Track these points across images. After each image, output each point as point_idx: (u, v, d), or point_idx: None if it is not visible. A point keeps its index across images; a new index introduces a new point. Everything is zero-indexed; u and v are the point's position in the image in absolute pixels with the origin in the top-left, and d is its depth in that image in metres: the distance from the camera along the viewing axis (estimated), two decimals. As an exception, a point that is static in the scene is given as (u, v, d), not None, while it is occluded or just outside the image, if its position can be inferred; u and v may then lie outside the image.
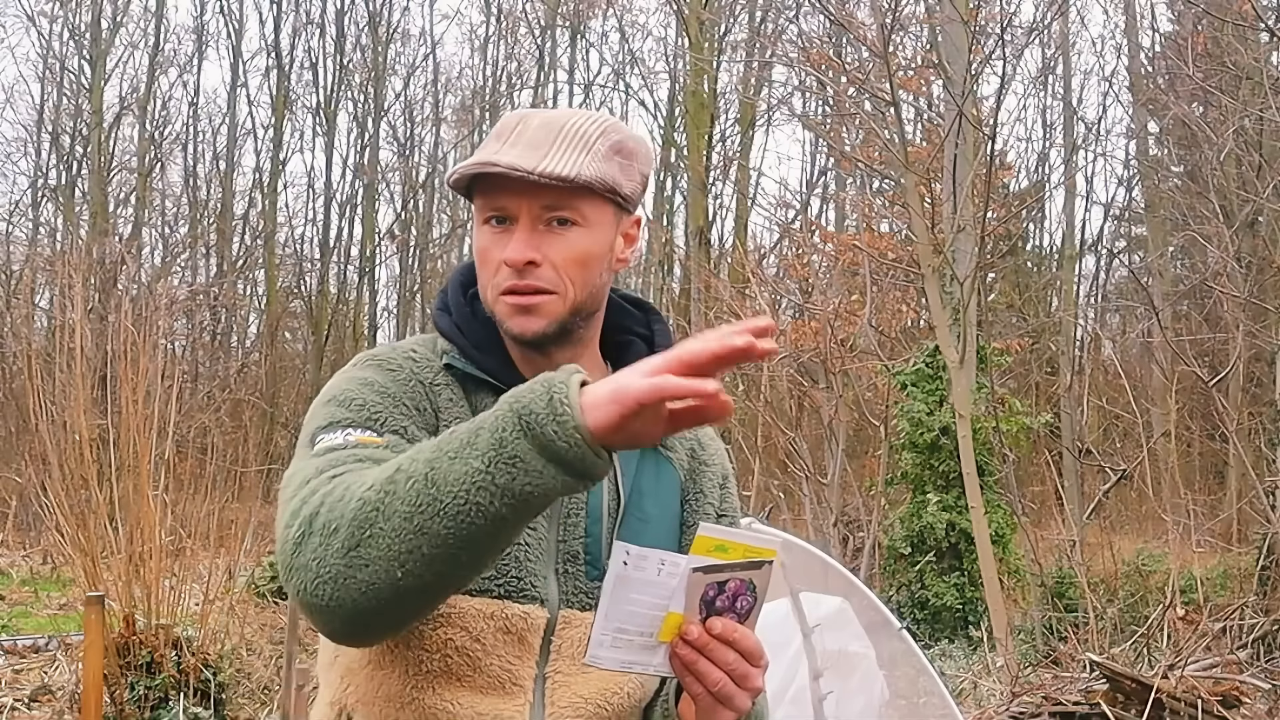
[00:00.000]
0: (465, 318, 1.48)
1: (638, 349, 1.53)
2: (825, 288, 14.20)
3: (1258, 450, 12.59)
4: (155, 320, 10.10)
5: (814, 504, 11.60)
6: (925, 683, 5.49)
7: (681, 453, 1.56)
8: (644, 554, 1.20)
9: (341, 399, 1.38)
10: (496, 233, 1.41)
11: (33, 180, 25.95)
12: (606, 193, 1.42)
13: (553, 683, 1.40)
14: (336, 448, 1.31)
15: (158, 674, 6.48)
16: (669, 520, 1.51)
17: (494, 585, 1.36)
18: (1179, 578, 7.89)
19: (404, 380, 1.41)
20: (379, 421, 1.35)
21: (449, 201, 28.88)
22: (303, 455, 1.34)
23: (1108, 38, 29.69)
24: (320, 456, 1.31)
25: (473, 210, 1.47)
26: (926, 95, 16.40)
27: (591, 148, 1.41)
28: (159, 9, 26.55)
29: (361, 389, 1.38)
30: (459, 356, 1.45)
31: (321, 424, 1.36)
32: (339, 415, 1.36)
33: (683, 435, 1.55)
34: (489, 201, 1.42)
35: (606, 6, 25.71)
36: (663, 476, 1.52)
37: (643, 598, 1.21)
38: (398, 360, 1.44)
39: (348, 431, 1.33)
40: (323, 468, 1.28)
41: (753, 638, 1.29)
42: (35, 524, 13.46)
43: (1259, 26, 10.89)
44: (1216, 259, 11.92)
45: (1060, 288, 22.75)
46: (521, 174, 1.36)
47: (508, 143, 1.40)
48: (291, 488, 1.28)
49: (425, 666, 1.37)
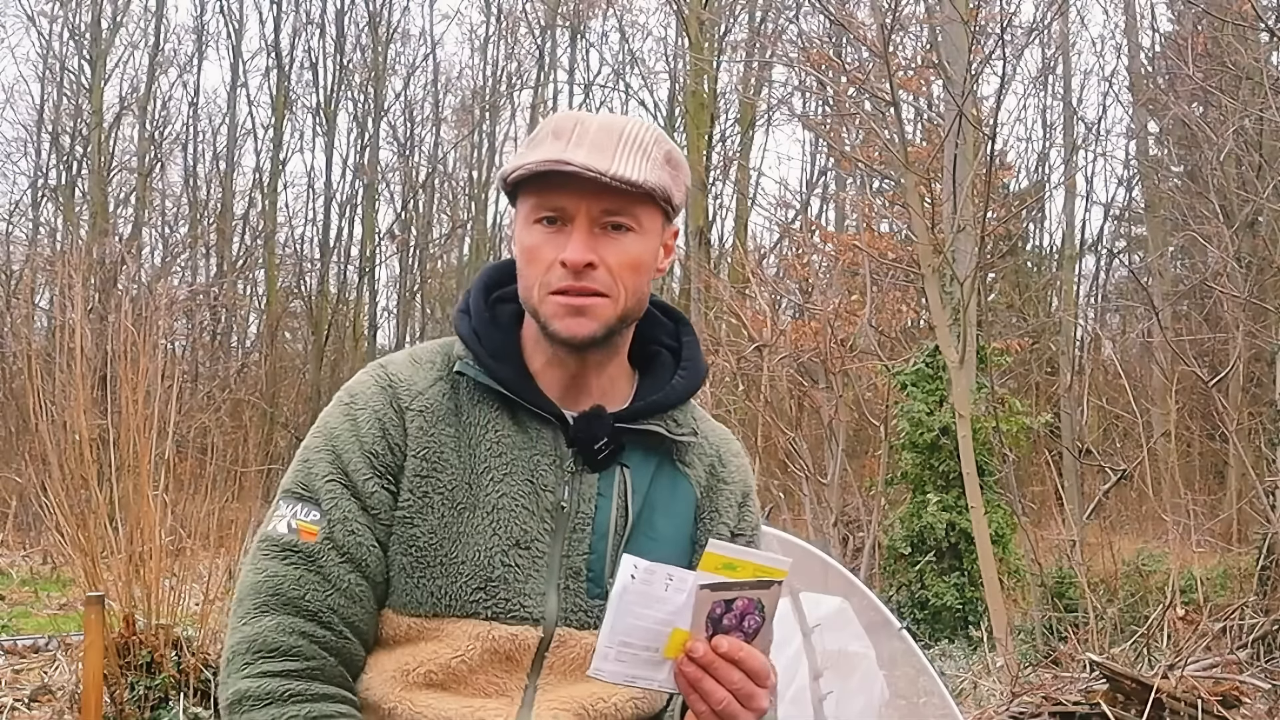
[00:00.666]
0: (484, 323, 1.47)
1: (664, 360, 1.54)
2: (825, 288, 14.20)
3: (1258, 450, 12.57)
4: (155, 320, 10.09)
5: (814, 504, 11.60)
6: (925, 683, 5.49)
7: (700, 469, 1.54)
8: (652, 569, 1.20)
9: (308, 454, 1.45)
10: (549, 232, 1.41)
11: (33, 180, 25.97)
12: (662, 201, 1.43)
13: (542, 691, 1.41)
14: (276, 541, 1.40)
15: (158, 674, 6.47)
16: (681, 538, 1.50)
17: (482, 608, 1.37)
18: (1179, 578, 7.89)
19: (366, 421, 1.43)
20: (323, 495, 1.41)
21: (449, 201, 28.90)
22: (264, 525, 1.43)
23: (1108, 38, 29.74)
24: (265, 556, 1.40)
25: (516, 208, 1.45)
26: (926, 95, 16.40)
27: (650, 155, 1.41)
28: (159, 9, 26.57)
29: (323, 449, 1.44)
30: (473, 363, 1.44)
31: (286, 485, 1.43)
32: (297, 481, 1.43)
33: (703, 450, 1.54)
34: (545, 200, 1.40)
35: (606, 6, 25.72)
36: (678, 493, 1.51)
37: (649, 612, 1.21)
38: (367, 395, 1.45)
39: (295, 509, 1.41)
40: (256, 586, 1.39)
41: (759, 657, 1.28)
42: (35, 524, 13.46)
43: (1259, 26, 10.89)
44: (1216, 259, 11.91)
45: (1060, 288, 22.74)
46: (594, 174, 1.36)
47: (571, 143, 1.39)
48: (241, 589, 1.40)
49: (410, 677, 1.38)
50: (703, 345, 8.43)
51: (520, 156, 1.43)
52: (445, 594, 1.37)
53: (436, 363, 1.48)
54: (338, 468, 1.40)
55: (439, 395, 1.44)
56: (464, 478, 1.40)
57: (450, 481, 1.40)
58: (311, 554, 1.37)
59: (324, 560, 1.37)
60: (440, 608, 1.37)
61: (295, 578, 1.37)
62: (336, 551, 1.37)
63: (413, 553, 1.38)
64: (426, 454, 1.40)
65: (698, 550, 1.49)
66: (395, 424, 1.42)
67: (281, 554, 1.38)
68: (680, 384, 1.52)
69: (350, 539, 1.38)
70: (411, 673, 1.38)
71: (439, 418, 1.42)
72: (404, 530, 1.39)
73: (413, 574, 1.38)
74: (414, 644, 1.38)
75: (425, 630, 1.37)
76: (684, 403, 1.52)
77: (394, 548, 1.39)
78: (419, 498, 1.39)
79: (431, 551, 1.37)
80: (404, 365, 1.48)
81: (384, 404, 1.43)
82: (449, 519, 1.38)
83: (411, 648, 1.38)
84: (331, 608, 1.36)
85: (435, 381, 1.45)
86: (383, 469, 1.40)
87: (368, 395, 1.44)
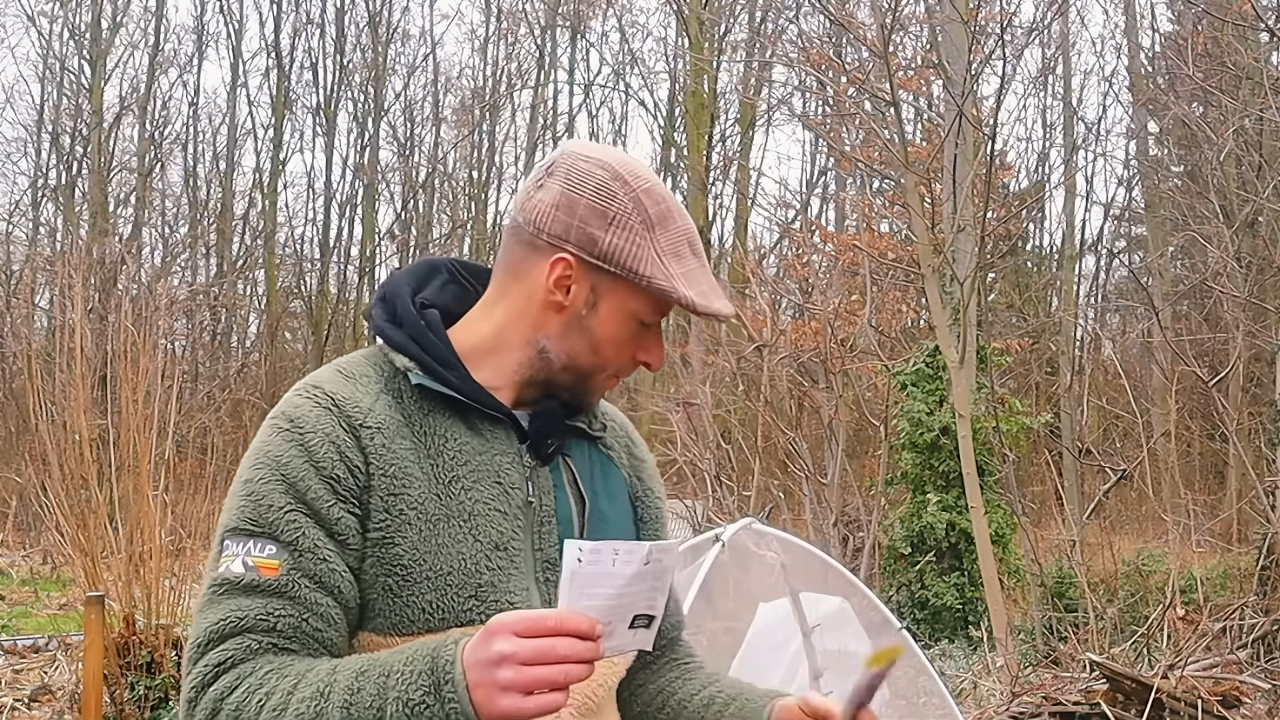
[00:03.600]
0: (420, 332, 1.45)
1: None
2: (825, 288, 14.20)
3: (1258, 450, 12.57)
4: (155, 320, 10.09)
5: (814, 504, 11.60)
6: (925, 683, 5.50)
7: (620, 451, 1.61)
8: (597, 548, 1.21)
9: (252, 488, 1.36)
10: (639, 331, 1.47)
11: (33, 180, 25.98)
12: None
13: None
14: (233, 582, 1.31)
15: (158, 674, 6.47)
16: (625, 519, 1.56)
17: (477, 615, 1.36)
18: (1179, 578, 7.88)
19: (317, 445, 1.36)
20: (279, 528, 1.33)
21: (449, 201, 28.91)
22: (210, 570, 1.35)
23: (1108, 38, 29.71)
24: (220, 600, 1.31)
25: (610, 283, 1.43)
26: (926, 95, 16.39)
27: None
28: (159, 9, 26.58)
29: (271, 479, 1.35)
30: (424, 375, 1.42)
31: (230, 524, 1.35)
32: (243, 518, 1.34)
33: (615, 433, 1.62)
34: (660, 309, 1.47)
35: (606, 6, 25.74)
36: (610, 476, 1.56)
37: (601, 590, 1.21)
38: (313, 418, 1.38)
39: (248, 546, 1.32)
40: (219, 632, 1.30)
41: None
42: (35, 524, 13.47)
43: (1259, 26, 10.89)
44: (1216, 259, 11.91)
45: (1060, 288, 22.76)
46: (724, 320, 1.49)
47: (704, 268, 1.48)
48: (195, 633, 1.32)
49: None
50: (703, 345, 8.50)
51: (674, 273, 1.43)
52: (437, 608, 1.35)
53: (371, 375, 1.44)
54: (294, 498, 1.34)
55: (386, 409, 1.40)
56: (432, 489, 1.38)
57: (420, 495, 1.37)
58: (278, 587, 1.31)
59: (294, 590, 1.31)
60: (434, 622, 1.35)
61: (262, 606, 1.30)
62: (308, 579, 1.32)
63: (398, 571, 1.35)
64: (393, 471, 1.37)
65: (641, 528, 1.59)
66: (350, 445, 1.36)
67: (243, 592, 1.31)
68: None
69: (322, 566, 1.32)
70: None
71: (394, 432, 1.39)
72: (384, 551, 1.36)
73: (400, 593, 1.35)
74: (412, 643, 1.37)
75: (424, 631, 1.36)
76: None
77: (372, 570, 1.35)
78: (394, 516, 1.36)
79: (416, 567, 1.35)
80: (339, 383, 1.42)
81: (333, 426, 1.37)
82: (426, 533, 1.36)
83: None
84: (306, 632, 1.31)
85: (378, 396, 1.41)
86: (345, 494, 1.35)
87: (314, 419, 1.38)
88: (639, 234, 1.42)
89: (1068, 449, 14.53)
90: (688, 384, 13.34)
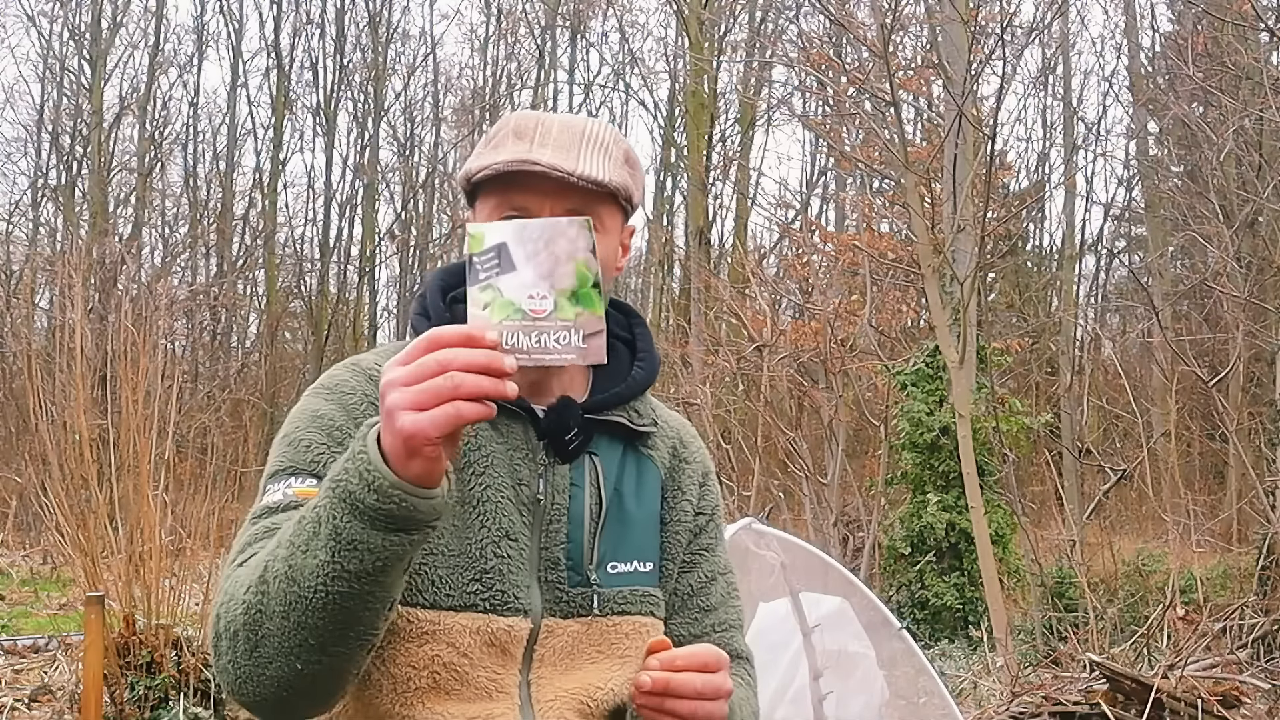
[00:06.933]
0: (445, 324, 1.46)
1: (619, 353, 1.55)
2: (825, 288, 14.20)
3: (1258, 450, 12.57)
4: (155, 320, 10.09)
5: (814, 504, 11.60)
6: (925, 683, 5.50)
7: (663, 450, 1.57)
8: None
9: (291, 438, 1.40)
10: None
11: (33, 180, 25.99)
12: (623, 199, 1.45)
13: (536, 686, 1.41)
14: (272, 508, 1.34)
15: (158, 674, 6.47)
16: (650, 519, 1.52)
17: (479, 600, 1.37)
18: (1179, 578, 7.89)
19: (356, 404, 1.41)
20: (321, 463, 1.36)
21: (449, 201, 28.89)
22: (256, 506, 1.37)
23: (1108, 38, 29.72)
24: (254, 523, 1.34)
25: (476, 208, 1.45)
26: (926, 95, 16.40)
27: (611, 155, 1.43)
28: (159, 9, 26.58)
29: (309, 427, 1.40)
30: None
31: (271, 470, 1.39)
32: (285, 460, 1.38)
33: (665, 433, 1.57)
34: (508, 199, 1.41)
35: (606, 6, 25.72)
36: (644, 475, 1.53)
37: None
38: (353, 382, 1.44)
39: (289, 481, 1.36)
40: (248, 541, 1.32)
41: (705, 651, 1.33)
42: (35, 524, 13.47)
43: (1259, 26, 10.89)
44: (1216, 259, 11.92)
45: (1060, 288, 22.77)
46: (562, 174, 1.37)
47: (534, 143, 1.40)
48: (229, 558, 1.33)
49: (414, 683, 1.37)
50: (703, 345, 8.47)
51: (482, 156, 1.42)
52: (446, 583, 1.36)
53: None
54: (335, 440, 1.38)
55: None
56: None
57: None
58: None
59: None
60: (440, 597, 1.36)
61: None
62: None
63: None
64: None
65: (665, 528, 1.53)
66: None
67: (280, 510, 1.33)
68: (640, 375, 1.54)
69: None
70: (414, 679, 1.37)
71: None
72: None
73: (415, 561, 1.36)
74: (412, 645, 1.37)
75: (421, 624, 1.36)
76: (644, 393, 1.56)
77: None
78: None
79: (432, 540, 1.36)
80: (373, 359, 1.48)
81: (367, 385, 1.42)
82: None
83: (409, 653, 1.37)
84: None
85: None
86: None
87: (349, 381, 1.43)
88: (477, 151, 1.45)
89: (1068, 449, 14.53)
90: (688, 384, 13.33)
